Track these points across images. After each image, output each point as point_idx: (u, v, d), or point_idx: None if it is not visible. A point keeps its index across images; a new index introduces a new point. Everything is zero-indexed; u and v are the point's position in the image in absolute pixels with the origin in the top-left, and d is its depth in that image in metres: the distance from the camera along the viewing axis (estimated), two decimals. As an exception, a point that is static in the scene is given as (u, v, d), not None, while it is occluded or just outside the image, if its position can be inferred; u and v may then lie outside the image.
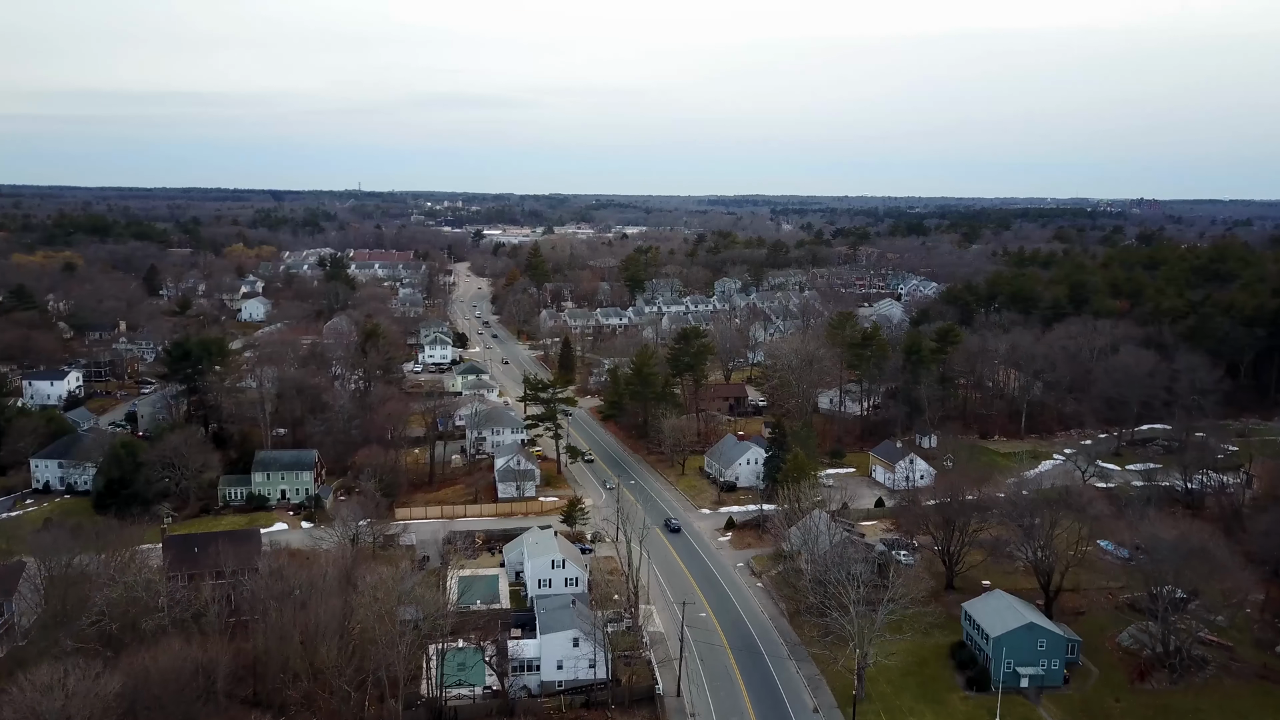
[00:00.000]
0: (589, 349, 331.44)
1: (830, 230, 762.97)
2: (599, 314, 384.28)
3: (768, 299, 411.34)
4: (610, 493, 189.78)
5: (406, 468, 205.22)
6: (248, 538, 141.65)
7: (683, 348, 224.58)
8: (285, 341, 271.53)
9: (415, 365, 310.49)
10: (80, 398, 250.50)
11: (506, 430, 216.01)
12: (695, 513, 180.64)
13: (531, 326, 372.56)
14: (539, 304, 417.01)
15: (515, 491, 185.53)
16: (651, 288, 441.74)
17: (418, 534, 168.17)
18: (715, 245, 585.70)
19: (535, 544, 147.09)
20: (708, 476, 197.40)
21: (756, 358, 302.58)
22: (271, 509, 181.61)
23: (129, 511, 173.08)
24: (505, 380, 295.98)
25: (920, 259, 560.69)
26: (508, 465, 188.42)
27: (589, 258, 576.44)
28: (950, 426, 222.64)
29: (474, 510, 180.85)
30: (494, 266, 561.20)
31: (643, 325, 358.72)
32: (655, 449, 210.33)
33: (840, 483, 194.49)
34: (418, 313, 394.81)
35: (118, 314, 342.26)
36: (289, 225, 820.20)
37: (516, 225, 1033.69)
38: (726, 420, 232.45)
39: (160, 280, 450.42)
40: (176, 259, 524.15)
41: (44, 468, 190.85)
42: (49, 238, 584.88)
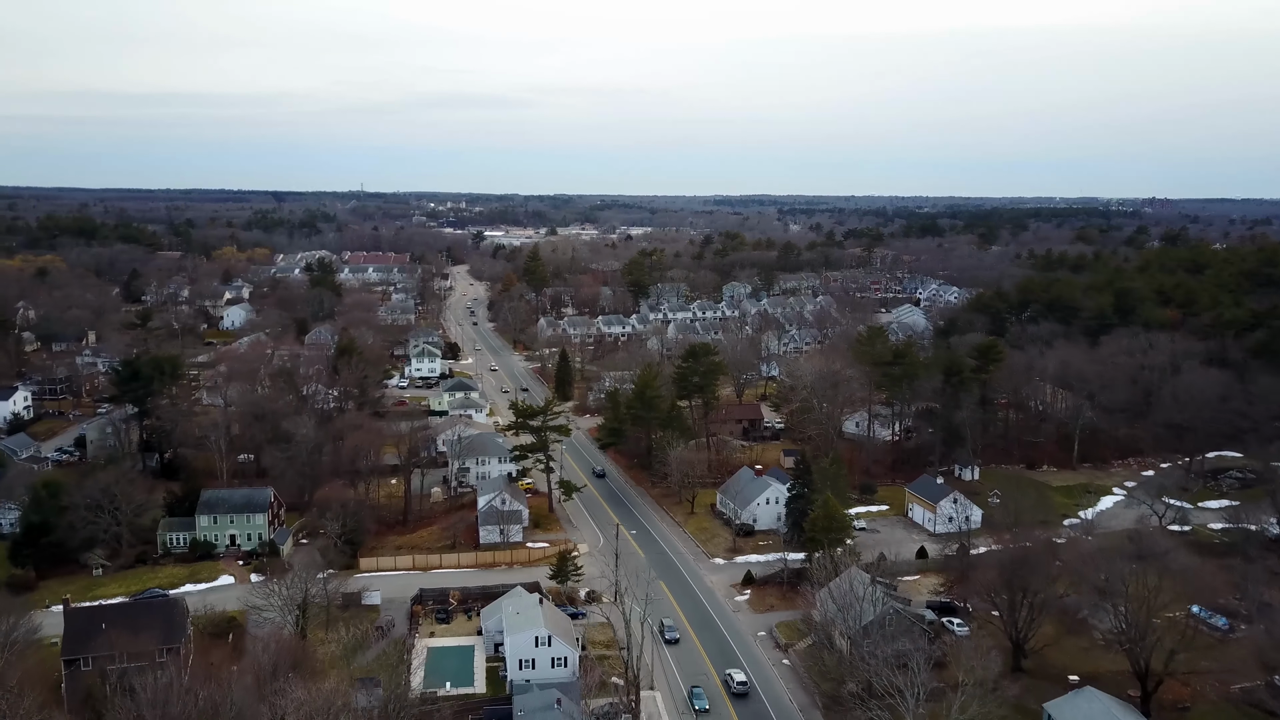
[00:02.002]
0: (589, 360, 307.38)
1: (841, 231, 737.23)
2: (600, 322, 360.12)
3: (780, 304, 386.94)
4: (608, 534, 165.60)
5: (379, 502, 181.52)
6: (169, 611, 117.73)
7: (691, 366, 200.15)
8: (255, 356, 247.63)
9: (401, 380, 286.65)
10: (26, 420, 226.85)
11: (493, 460, 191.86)
12: (707, 563, 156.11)
13: (528, 336, 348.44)
14: (537, 311, 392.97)
15: (499, 536, 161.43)
16: (656, 293, 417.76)
17: (385, 589, 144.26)
18: (723, 247, 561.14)
19: (517, 614, 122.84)
20: (721, 517, 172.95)
21: (771, 371, 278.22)
22: (219, 557, 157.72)
23: (49, 563, 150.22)
24: (497, 397, 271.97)
25: (937, 261, 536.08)
26: (491, 505, 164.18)
27: (591, 260, 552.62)
28: (992, 455, 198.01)
29: (451, 559, 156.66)
30: (493, 270, 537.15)
31: (647, 334, 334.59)
32: (660, 481, 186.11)
33: (873, 524, 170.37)
34: (408, 320, 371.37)
35: (86, 323, 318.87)
36: (285, 227, 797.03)
37: (519, 226, 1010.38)
38: (740, 446, 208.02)
39: (142, 286, 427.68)
40: (163, 263, 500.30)
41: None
42: (33, 241, 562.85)
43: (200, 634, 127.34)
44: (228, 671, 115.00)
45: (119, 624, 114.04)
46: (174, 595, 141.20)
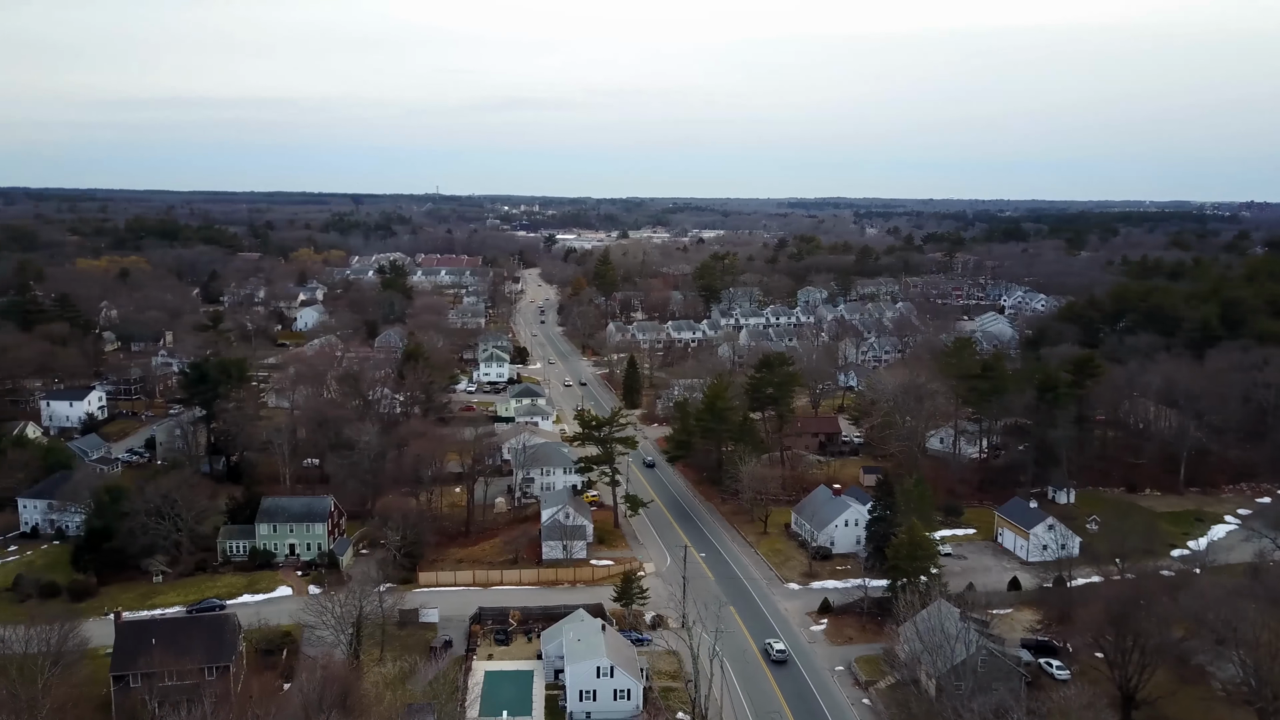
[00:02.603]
0: (658, 367, 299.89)
1: (920, 235, 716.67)
2: (670, 327, 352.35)
3: (857, 311, 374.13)
4: (676, 552, 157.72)
5: (442, 512, 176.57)
6: (219, 627, 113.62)
7: (764, 377, 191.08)
8: (322, 359, 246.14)
9: (469, 384, 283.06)
10: (100, 420, 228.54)
11: (558, 471, 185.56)
12: (781, 588, 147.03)
13: (596, 341, 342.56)
14: (606, 315, 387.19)
15: (562, 552, 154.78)
16: (728, 297, 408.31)
17: (443, 606, 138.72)
18: (798, 250, 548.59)
19: (578, 641, 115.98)
20: (796, 538, 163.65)
21: (849, 380, 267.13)
22: (278, 567, 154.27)
23: (111, 569, 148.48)
24: (564, 403, 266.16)
25: (1022, 267, 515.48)
26: (554, 520, 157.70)
27: (662, 264, 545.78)
28: (1089, 476, 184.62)
29: (512, 576, 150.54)
30: (563, 273, 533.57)
31: (718, 341, 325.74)
32: (731, 498, 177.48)
33: (959, 549, 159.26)
34: (478, 324, 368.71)
35: (163, 324, 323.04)
36: (361, 229, 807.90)
37: (591, 229, 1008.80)
38: (816, 461, 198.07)
39: (220, 287, 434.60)
40: (241, 264, 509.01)
41: (31, 508, 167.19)
42: (119, 242, 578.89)
43: (252, 649, 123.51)
44: (277, 695, 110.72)
45: (169, 640, 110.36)
46: (230, 607, 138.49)
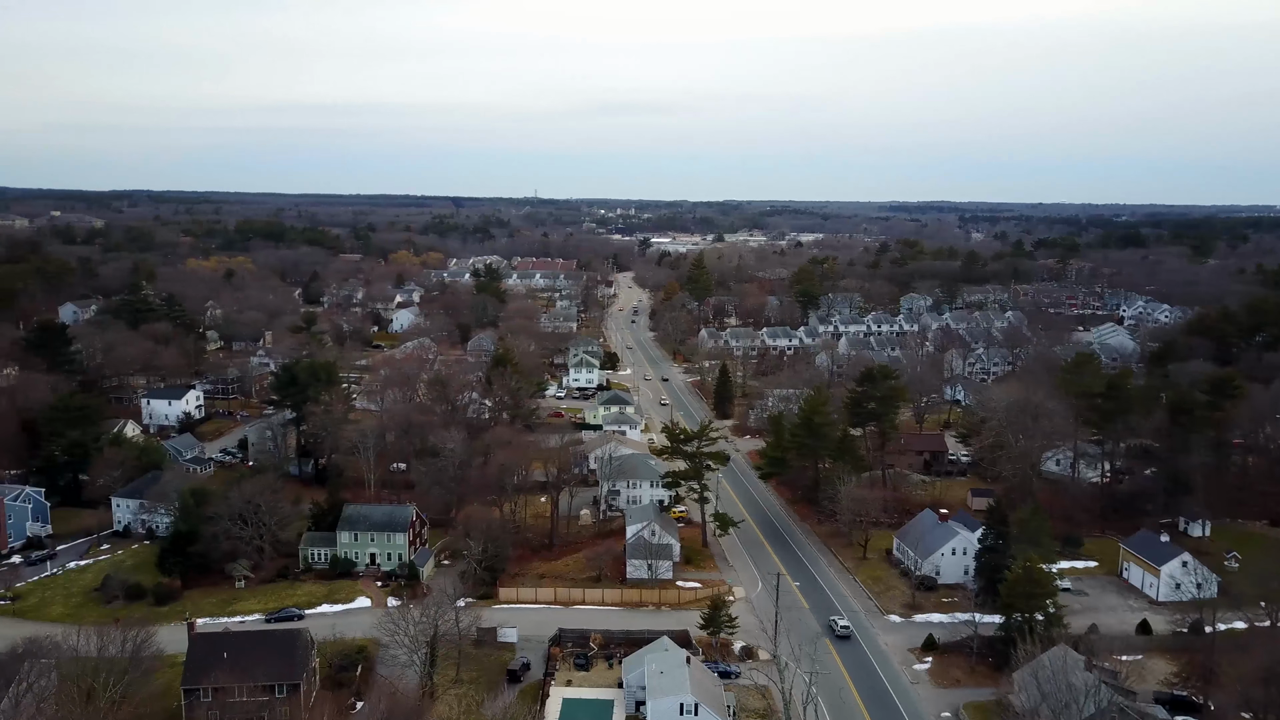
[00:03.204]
0: (752, 375, 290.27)
1: (1030, 240, 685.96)
2: (765, 334, 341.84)
3: (964, 319, 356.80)
4: (767, 575, 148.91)
5: (525, 522, 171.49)
6: (290, 643, 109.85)
7: (866, 391, 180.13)
8: (412, 362, 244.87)
9: (558, 389, 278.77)
10: (196, 420, 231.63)
11: (644, 484, 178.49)
12: (881, 619, 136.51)
13: (688, 347, 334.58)
14: (698, 321, 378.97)
15: (647, 572, 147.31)
16: (827, 304, 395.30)
17: (522, 625, 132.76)
18: (900, 255, 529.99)
19: (661, 673, 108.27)
20: (897, 566, 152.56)
21: (955, 394, 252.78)
22: (358, 576, 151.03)
23: (195, 572, 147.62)
24: (654, 411, 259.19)
25: (1142, 275, 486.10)
26: (639, 537, 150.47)
27: (758, 268, 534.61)
28: (1226, 507, 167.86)
29: (595, 595, 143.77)
30: (656, 277, 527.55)
31: (816, 349, 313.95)
32: (828, 519, 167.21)
33: (1079, 584, 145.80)
34: (570, 329, 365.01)
35: (263, 324, 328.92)
36: (460, 232, 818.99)
37: (686, 233, 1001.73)
38: (920, 481, 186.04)
39: (320, 288, 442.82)
40: (342, 265, 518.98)
41: (124, 507, 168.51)
42: (228, 243, 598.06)
43: (326, 664, 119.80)
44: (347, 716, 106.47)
45: (240, 654, 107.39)
46: (308, 616, 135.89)
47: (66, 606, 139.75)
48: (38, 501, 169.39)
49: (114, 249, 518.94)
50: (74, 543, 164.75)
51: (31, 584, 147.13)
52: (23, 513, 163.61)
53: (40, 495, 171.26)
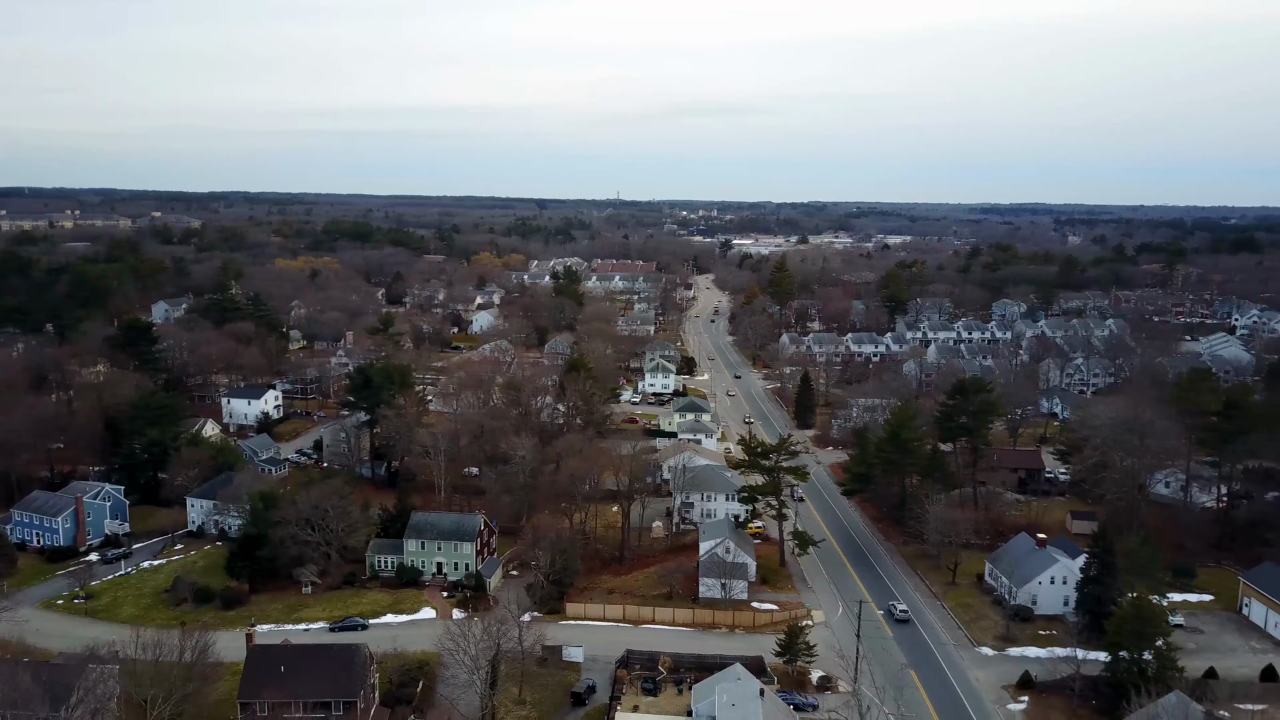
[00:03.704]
0: (835, 383, 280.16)
1: (1132, 245, 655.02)
2: (850, 340, 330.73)
3: (1061, 327, 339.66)
4: (848, 597, 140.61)
5: (596, 533, 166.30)
6: (348, 658, 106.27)
7: (958, 404, 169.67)
8: (487, 365, 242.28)
9: (633, 394, 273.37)
10: (274, 420, 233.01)
11: (719, 497, 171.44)
12: (971, 652, 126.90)
13: (769, 352, 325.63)
14: (780, 325, 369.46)
15: (720, 591, 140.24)
16: (915, 309, 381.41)
17: (589, 643, 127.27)
18: (993, 260, 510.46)
19: (732, 705, 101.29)
20: (989, 593, 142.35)
21: (1052, 406, 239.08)
22: (424, 585, 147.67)
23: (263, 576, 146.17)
24: (731, 419, 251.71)
25: (1257, 282, 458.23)
26: (713, 555, 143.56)
27: (843, 271, 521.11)
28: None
29: (665, 614, 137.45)
30: (737, 280, 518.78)
31: (903, 356, 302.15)
32: (914, 539, 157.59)
33: (1192, 619, 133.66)
34: (647, 332, 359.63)
35: (344, 324, 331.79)
36: (542, 234, 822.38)
37: (769, 234, 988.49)
38: (1015, 501, 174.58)
39: (403, 288, 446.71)
40: (425, 267, 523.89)
41: (198, 508, 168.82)
42: (316, 244, 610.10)
43: (386, 679, 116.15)
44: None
45: (298, 668, 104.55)
46: (372, 626, 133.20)
47: (137, 608, 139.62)
48: (117, 499, 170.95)
49: (207, 249, 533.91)
50: (149, 542, 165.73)
51: (105, 583, 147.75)
52: (101, 510, 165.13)
53: (120, 493, 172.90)
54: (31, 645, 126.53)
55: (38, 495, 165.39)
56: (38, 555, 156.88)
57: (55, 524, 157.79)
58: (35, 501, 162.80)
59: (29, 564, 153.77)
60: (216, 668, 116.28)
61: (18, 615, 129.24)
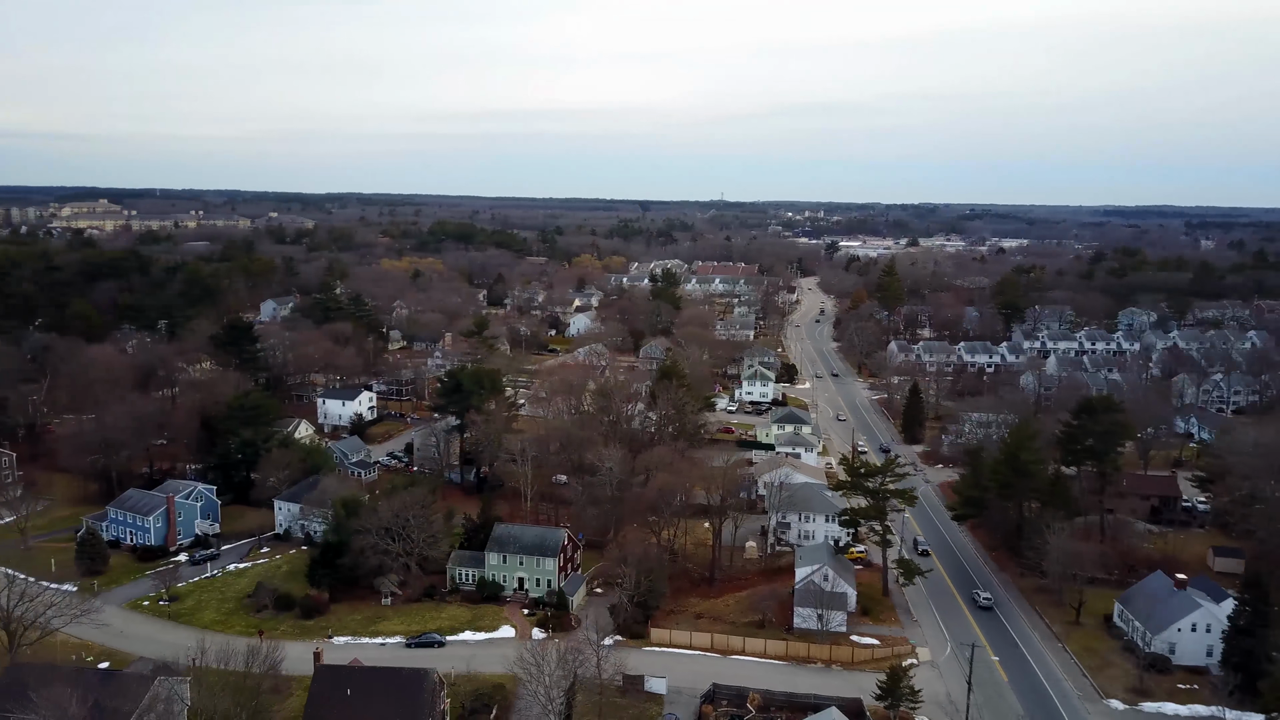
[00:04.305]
0: (945, 395, 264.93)
1: (1275, 250, 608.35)
2: (962, 349, 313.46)
3: (1196, 339, 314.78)
4: (957, 634, 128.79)
5: (685, 550, 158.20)
6: (417, 684, 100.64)
7: (1083, 425, 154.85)
8: (579, 371, 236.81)
9: (729, 403, 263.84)
10: (367, 421, 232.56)
11: (818, 518, 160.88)
12: (1098, 704, 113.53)
13: (875, 360, 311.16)
14: (887, 332, 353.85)
15: (817, 622, 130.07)
16: (1033, 317, 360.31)
17: (673, 673, 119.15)
18: (1118, 266, 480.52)
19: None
20: (1119, 637, 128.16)
21: (1188, 426, 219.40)
22: (505, 601, 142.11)
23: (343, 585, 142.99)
24: (833, 429, 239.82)
25: None
26: (810, 583, 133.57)
27: (955, 276, 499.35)
28: None
29: (755, 645, 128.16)
30: (843, 283, 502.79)
31: (1020, 367, 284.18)
32: (1032, 572, 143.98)
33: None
34: (746, 337, 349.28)
35: (443, 326, 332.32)
36: (643, 236, 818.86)
37: (878, 237, 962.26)
38: (1147, 532, 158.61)
39: (503, 290, 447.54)
40: (527, 268, 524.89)
41: (285, 511, 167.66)
42: (422, 244, 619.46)
43: (458, 704, 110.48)
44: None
45: (365, 692, 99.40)
46: (450, 644, 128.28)
47: (218, 613, 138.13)
48: (209, 499, 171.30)
49: (317, 248, 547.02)
50: (238, 543, 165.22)
51: (191, 585, 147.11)
52: (192, 511, 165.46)
53: (212, 493, 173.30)
54: (113, 649, 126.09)
55: (132, 494, 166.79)
56: (130, 554, 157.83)
57: (147, 523, 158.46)
58: (129, 500, 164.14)
59: (121, 562, 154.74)
60: (288, 681, 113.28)
61: (101, 618, 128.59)
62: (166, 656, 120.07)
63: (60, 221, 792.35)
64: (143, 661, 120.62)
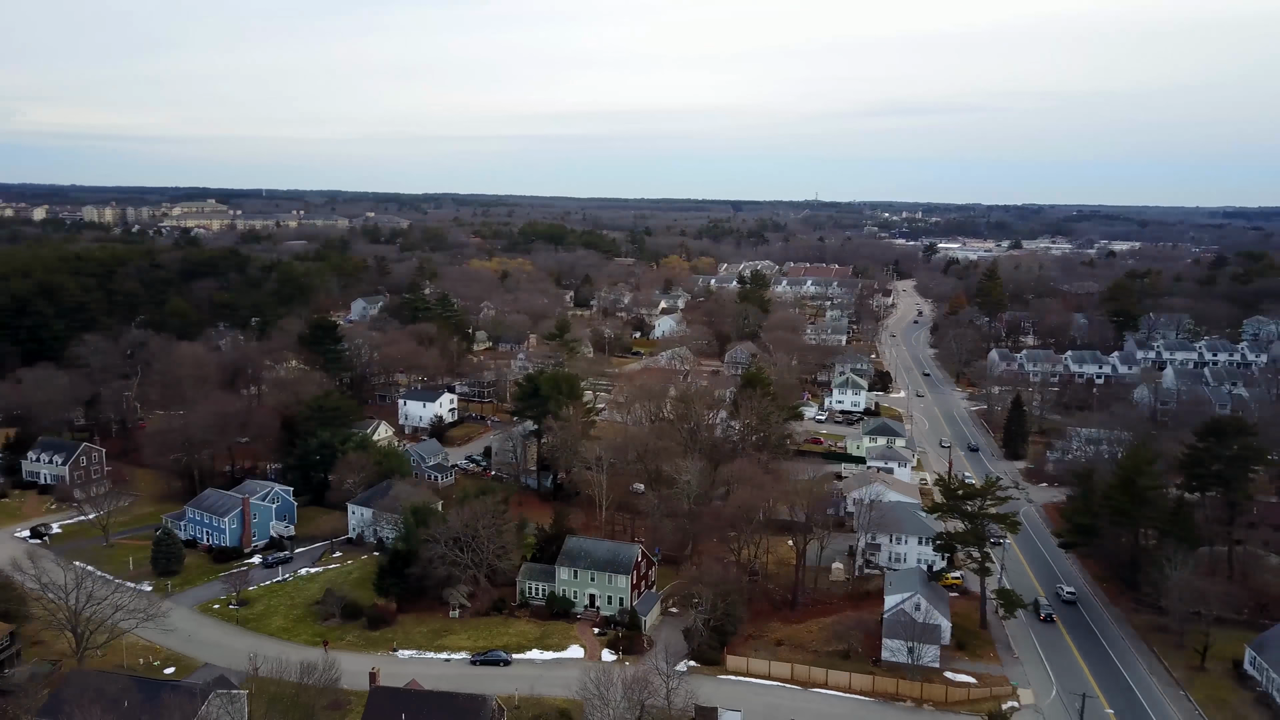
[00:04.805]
0: (1051, 408, 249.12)
1: None
2: (1069, 358, 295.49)
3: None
4: (1064, 675, 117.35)
5: (766, 569, 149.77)
6: (475, 711, 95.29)
7: (1210, 447, 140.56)
8: (660, 376, 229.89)
9: (819, 411, 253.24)
10: (447, 424, 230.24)
11: (911, 540, 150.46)
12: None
13: (975, 369, 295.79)
14: (988, 339, 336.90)
15: (908, 656, 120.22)
16: (1147, 325, 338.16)
17: (748, 707, 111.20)
18: (1242, 270, 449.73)
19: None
20: (1252, 687, 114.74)
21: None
22: (575, 618, 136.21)
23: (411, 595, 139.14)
24: (929, 443, 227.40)
25: None
26: (900, 612, 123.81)
27: (1062, 281, 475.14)
28: None
29: (839, 678, 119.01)
30: (941, 287, 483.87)
31: (1133, 379, 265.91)
32: (1149, 608, 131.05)
33: None
34: (838, 342, 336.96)
35: (528, 327, 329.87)
36: (734, 236, 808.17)
37: (978, 238, 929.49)
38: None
39: (591, 291, 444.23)
40: (614, 269, 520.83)
41: (358, 515, 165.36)
42: (512, 245, 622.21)
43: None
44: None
45: (420, 717, 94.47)
46: (515, 662, 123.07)
47: (286, 619, 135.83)
48: (285, 501, 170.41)
49: (409, 248, 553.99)
50: (311, 546, 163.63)
51: (262, 589, 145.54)
52: (267, 513, 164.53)
53: (289, 494, 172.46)
54: (180, 653, 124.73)
55: (209, 493, 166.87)
56: (205, 554, 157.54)
57: (223, 524, 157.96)
58: (206, 500, 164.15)
59: (196, 563, 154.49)
60: (348, 696, 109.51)
61: (170, 620, 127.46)
62: (231, 664, 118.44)
63: (170, 221, 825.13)
64: (207, 669, 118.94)
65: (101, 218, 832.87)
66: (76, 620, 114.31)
